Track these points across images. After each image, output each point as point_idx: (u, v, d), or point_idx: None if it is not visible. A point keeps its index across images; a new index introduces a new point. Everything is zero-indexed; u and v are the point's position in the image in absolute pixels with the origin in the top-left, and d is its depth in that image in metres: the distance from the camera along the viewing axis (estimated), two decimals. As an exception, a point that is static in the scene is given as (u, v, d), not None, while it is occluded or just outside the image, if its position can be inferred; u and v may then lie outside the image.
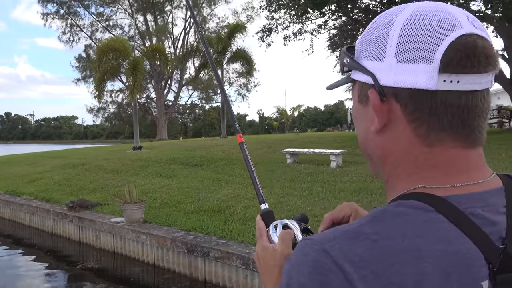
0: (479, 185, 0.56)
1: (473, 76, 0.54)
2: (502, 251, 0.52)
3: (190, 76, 42.81)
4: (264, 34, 15.82)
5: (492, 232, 0.53)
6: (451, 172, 0.57)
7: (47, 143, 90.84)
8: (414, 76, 0.55)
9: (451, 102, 0.54)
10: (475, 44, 0.53)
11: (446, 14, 0.55)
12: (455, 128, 0.56)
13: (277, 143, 15.86)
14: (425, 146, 0.57)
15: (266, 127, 75.15)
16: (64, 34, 41.43)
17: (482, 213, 0.54)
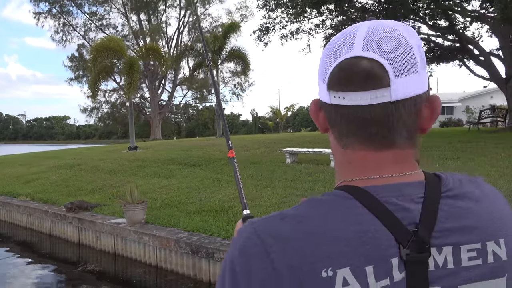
0: (396, 178, 0.63)
1: (353, 93, 0.61)
2: (413, 234, 0.58)
3: (184, 76, 42.71)
4: (261, 34, 15.76)
5: (405, 217, 0.59)
6: (364, 169, 0.64)
7: (39, 144, 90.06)
8: (321, 91, 0.66)
9: (344, 113, 0.63)
10: (355, 67, 0.61)
11: (348, 38, 0.63)
12: (357, 134, 0.64)
13: (274, 143, 15.82)
14: (341, 147, 0.67)
15: (260, 126, 75.07)
16: (56, 34, 41.05)
17: (396, 201, 0.60)
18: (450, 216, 0.61)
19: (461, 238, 0.60)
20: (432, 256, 0.59)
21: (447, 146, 11.70)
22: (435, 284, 0.59)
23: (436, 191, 0.63)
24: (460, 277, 0.60)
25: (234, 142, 8.02)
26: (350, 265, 0.56)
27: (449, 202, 0.62)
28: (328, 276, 0.55)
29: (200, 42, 23.96)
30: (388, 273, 0.57)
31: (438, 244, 0.59)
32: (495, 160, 8.93)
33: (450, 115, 36.37)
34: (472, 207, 0.63)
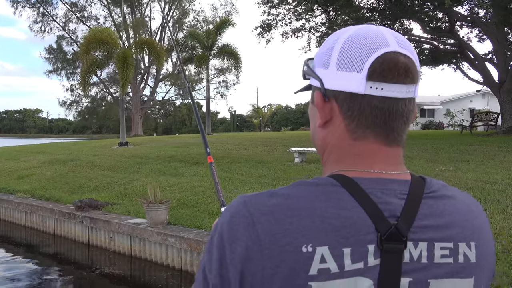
0: (386, 174, 0.67)
1: (394, 85, 0.64)
2: (393, 225, 0.61)
3: (167, 71, 41.95)
4: (263, 30, 15.47)
5: (386, 209, 0.63)
6: (367, 162, 0.67)
7: (10, 137, 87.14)
8: (348, 81, 0.66)
9: (376, 105, 0.65)
10: (397, 60, 0.64)
11: (378, 35, 0.66)
12: (377, 127, 0.66)
13: (270, 142, 15.60)
14: (352, 139, 0.68)
15: (238, 124, 74.69)
16: (35, 24, 39.61)
17: (380, 194, 0.64)
18: (429, 215, 0.65)
19: (436, 235, 0.64)
20: (408, 249, 0.62)
21: (451, 148, 11.75)
22: (407, 275, 0.62)
23: (419, 191, 0.67)
24: (431, 272, 0.63)
25: (226, 140, 7.92)
26: (330, 244, 0.59)
27: (430, 202, 0.66)
28: (308, 252, 0.58)
29: (189, 38, 23.46)
30: (363, 258, 0.60)
31: (415, 238, 0.63)
32: (507, 163, 8.97)
33: (432, 118, 37.03)
34: (450, 209, 0.67)
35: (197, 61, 22.53)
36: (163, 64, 16.99)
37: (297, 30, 15.60)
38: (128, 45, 19.09)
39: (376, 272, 0.61)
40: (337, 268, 0.59)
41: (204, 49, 22.77)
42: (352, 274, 0.60)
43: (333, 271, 0.59)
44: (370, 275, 0.60)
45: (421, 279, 0.63)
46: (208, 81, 23.91)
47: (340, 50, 0.67)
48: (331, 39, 0.70)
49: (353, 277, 0.60)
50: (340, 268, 0.59)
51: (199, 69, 23.44)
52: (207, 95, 23.96)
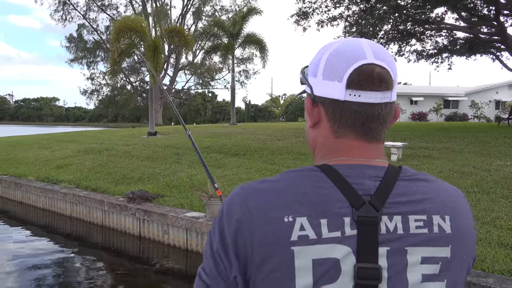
0: (363, 161, 0.77)
1: (369, 92, 0.75)
2: (368, 201, 0.71)
3: (186, 60, 41.73)
4: (300, 18, 15.11)
5: (361, 189, 0.73)
6: (347, 154, 0.78)
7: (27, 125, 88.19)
8: (331, 89, 0.77)
9: (354, 109, 0.76)
10: (372, 71, 0.74)
11: (357, 49, 0.76)
12: (356, 127, 0.77)
13: (299, 133, 15.32)
14: (335, 138, 0.79)
15: (252, 114, 74.31)
16: (56, 12, 39.62)
17: (355, 177, 0.74)
18: (402, 193, 0.74)
19: (409, 209, 0.73)
20: (384, 223, 0.71)
21: (497, 141, 11.35)
22: (385, 244, 0.70)
23: (394, 175, 0.76)
24: (407, 241, 0.71)
25: (254, 131, 7.51)
26: (308, 215, 0.69)
27: (404, 183, 0.75)
28: (289, 221, 0.69)
29: (213, 27, 23.12)
30: (340, 228, 0.69)
31: (389, 213, 0.72)
32: None
33: (456, 109, 36.23)
34: (423, 189, 0.76)
35: (223, 50, 22.21)
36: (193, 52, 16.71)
37: (333, 18, 15.21)
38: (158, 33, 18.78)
39: (353, 241, 0.69)
40: (315, 235, 0.69)
41: (229, 38, 22.43)
42: (329, 241, 0.69)
43: (311, 237, 0.68)
44: (348, 243, 0.69)
45: (398, 248, 0.71)
46: (233, 70, 23.62)
47: (326, 62, 0.78)
48: (321, 51, 0.81)
49: (330, 243, 0.69)
50: (318, 236, 0.69)
51: (224, 59, 22.97)
52: (232, 84, 23.69)
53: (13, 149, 14.26)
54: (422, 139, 12.48)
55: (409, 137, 12.77)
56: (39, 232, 7.83)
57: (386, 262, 0.70)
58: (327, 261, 0.68)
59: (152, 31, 23.67)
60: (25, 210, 9.28)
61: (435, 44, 19.06)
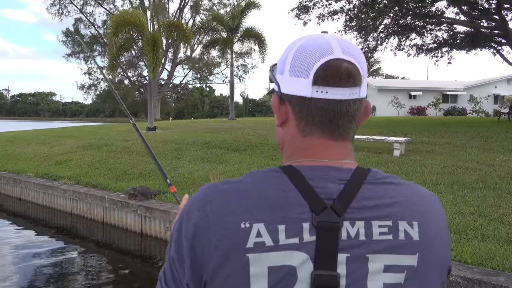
0: (329, 163, 0.74)
1: (337, 89, 0.72)
2: (328, 206, 0.68)
3: (184, 55, 41.51)
4: (300, 12, 14.98)
5: (323, 192, 0.69)
6: (313, 154, 0.75)
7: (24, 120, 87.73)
8: (298, 86, 0.74)
9: (321, 106, 0.73)
10: (339, 66, 0.72)
11: (324, 44, 0.73)
12: (323, 125, 0.74)
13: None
14: (301, 136, 0.76)
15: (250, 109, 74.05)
16: (53, 6, 39.28)
17: (319, 179, 0.71)
18: (367, 197, 0.70)
19: (374, 214, 0.69)
20: (345, 228, 0.68)
21: (498, 136, 11.32)
22: (345, 251, 0.67)
23: (361, 178, 0.73)
24: (370, 248, 0.68)
25: (254, 126, 7.40)
26: (265, 221, 0.67)
27: (370, 186, 0.72)
28: (245, 227, 0.67)
29: (214, 20, 22.92)
30: (298, 234, 0.67)
31: (352, 218, 0.68)
32: None
33: (454, 104, 36.20)
34: (391, 193, 0.72)
35: (222, 44, 22.06)
36: (191, 46, 16.56)
37: (334, 12, 15.08)
38: (157, 27, 18.60)
39: (311, 248, 0.66)
40: (271, 242, 0.66)
41: (228, 32, 22.27)
42: (286, 248, 0.66)
43: (268, 244, 0.66)
44: (305, 250, 0.66)
45: (359, 255, 0.67)
46: (232, 65, 23.47)
47: (292, 58, 0.75)
48: (289, 48, 0.78)
49: (287, 250, 0.66)
50: (275, 242, 0.66)
51: (223, 53, 22.82)
52: (231, 79, 23.55)
53: (11, 145, 14.13)
54: (424, 134, 12.43)
55: (410, 132, 12.71)
56: (39, 229, 7.74)
57: (345, 270, 0.67)
58: (283, 268, 0.66)
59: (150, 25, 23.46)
60: (24, 206, 9.18)
61: (435, 38, 18.99)
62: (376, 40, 18.07)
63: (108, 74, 18.36)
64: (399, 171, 7.62)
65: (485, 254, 4.03)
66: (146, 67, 40.52)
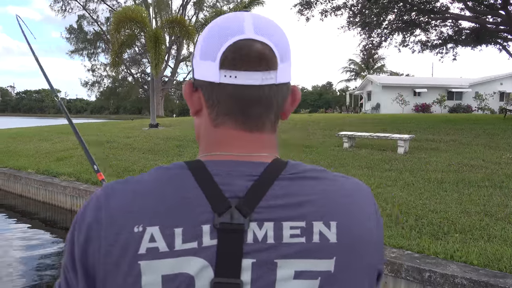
0: (239, 157, 0.67)
1: (247, 73, 0.64)
2: (233, 206, 0.61)
3: (188, 52, 41.35)
4: (303, 7, 14.84)
5: (228, 190, 0.62)
6: (224, 147, 0.68)
7: (29, 117, 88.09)
8: (207, 70, 0.66)
9: (231, 93, 0.65)
10: (249, 47, 0.64)
11: (235, 23, 0.66)
12: (235, 114, 0.66)
13: (303, 125, 15.12)
14: (213, 127, 0.69)
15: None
16: (56, 3, 39.24)
17: (225, 176, 0.64)
18: (279, 195, 0.63)
19: (285, 214, 0.62)
20: (251, 230, 0.61)
21: (505, 134, 11.16)
22: (250, 256, 0.60)
23: (274, 173, 0.65)
24: (278, 252, 0.61)
25: None
26: (161, 224, 0.60)
27: (284, 183, 0.64)
28: (139, 231, 0.60)
29: (215, 17, 22.77)
30: (196, 238, 0.60)
31: (260, 218, 0.61)
32: None
33: (459, 101, 35.91)
34: (308, 189, 0.64)
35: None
36: (195, 43, 16.43)
37: (337, 8, 14.93)
38: (159, 24, 18.48)
39: (212, 253, 0.60)
40: (166, 247, 0.60)
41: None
42: (182, 254, 0.60)
43: (162, 250, 0.60)
44: (205, 255, 0.60)
45: (266, 260, 0.61)
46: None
47: (203, 40, 0.68)
48: (204, 30, 0.71)
49: (184, 256, 0.60)
50: (170, 248, 0.60)
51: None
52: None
53: (13, 141, 14.10)
54: (428, 131, 12.28)
55: (415, 129, 12.56)
56: (39, 226, 7.69)
57: (249, 277, 0.60)
58: (178, 277, 0.59)
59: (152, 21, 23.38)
60: (25, 203, 9.13)
61: (440, 34, 18.78)
62: (380, 36, 17.90)
63: (111, 71, 18.26)
64: (403, 168, 7.49)
65: (491, 255, 3.91)
66: (149, 64, 40.59)
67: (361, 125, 14.68)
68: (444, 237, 4.40)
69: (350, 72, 53.99)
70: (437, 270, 3.78)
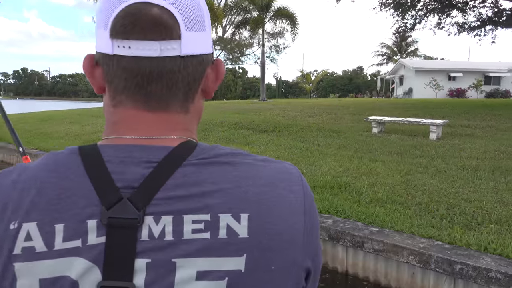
0: (138, 140, 0.58)
1: (141, 42, 0.55)
2: (123, 198, 0.53)
3: (216, 36, 41.25)
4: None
5: (121, 179, 0.54)
6: (122, 129, 0.59)
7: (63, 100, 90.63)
8: (101, 41, 0.58)
9: (125, 66, 0.56)
10: (142, 12, 0.54)
11: None
12: (132, 91, 0.58)
13: (332, 109, 14.79)
14: (112, 106, 0.60)
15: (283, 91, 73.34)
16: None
17: (119, 163, 0.55)
18: (182, 184, 0.55)
19: (187, 206, 0.54)
20: (147, 226, 0.53)
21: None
22: (145, 255, 0.52)
23: (179, 158, 0.57)
24: (178, 250, 0.52)
25: (284, 107, 6.90)
26: (39, 220, 0.53)
27: (189, 169, 0.56)
28: (14, 229, 0.53)
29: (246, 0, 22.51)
30: (80, 235, 0.52)
31: (157, 212, 0.53)
32: None
33: (497, 86, 34.46)
34: (217, 177, 0.56)
35: (253, 24, 21.70)
36: (223, 27, 16.31)
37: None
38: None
39: (99, 252, 0.51)
40: (44, 247, 0.52)
41: (260, 12, 21.84)
42: (64, 254, 0.52)
43: (39, 250, 0.52)
44: (91, 255, 0.51)
45: (163, 259, 0.52)
46: (263, 45, 23.07)
47: (99, 6, 0.59)
48: None
49: (66, 257, 0.52)
50: (49, 247, 0.52)
51: (254, 33, 22.45)
52: (262, 59, 23.21)
53: (44, 124, 14.44)
54: (463, 116, 11.76)
55: (449, 115, 12.06)
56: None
57: (143, 279, 0.51)
58: (59, 280, 0.51)
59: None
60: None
61: (479, 16, 17.92)
62: (414, 18, 17.23)
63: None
64: (435, 155, 7.16)
65: (530, 248, 3.64)
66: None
67: (392, 110, 14.23)
68: (478, 228, 4.14)
69: (381, 56, 52.69)
70: (469, 263, 3.56)
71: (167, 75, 0.57)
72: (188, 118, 0.62)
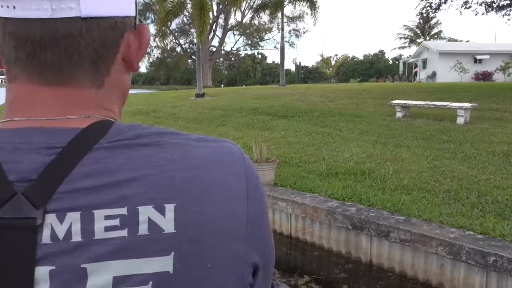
0: (34, 122, 0.49)
1: (27, 1, 0.46)
2: (17, 193, 0.44)
3: (235, 21, 40.87)
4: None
5: (14, 170, 0.45)
6: (19, 109, 0.50)
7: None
8: None
9: (14, 32, 0.47)
10: None
11: None
12: (26, 63, 0.49)
13: (353, 94, 14.43)
14: (8, 82, 0.52)
15: (303, 76, 72.51)
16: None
17: (13, 150, 0.46)
18: (91, 173, 0.45)
19: (97, 200, 0.44)
20: (49, 225, 0.43)
21: None
22: (47, 262, 0.43)
23: (89, 142, 0.47)
24: (89, 253, 0.43)
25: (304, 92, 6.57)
26: None
27: (101, 154, 0.46)
28: None
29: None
30: None
31: (60, 208, 0.44)
32: None
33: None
34: (136, 161, 0.46)
35: (272, 7, 21.30)
36: (241, 9, 16.02)
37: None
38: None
39: None
40: None
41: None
42: None
43: None
44: None
45: (70, 266, 0.43)
46: (283, 29, 22.66)
47: None
48: None
49: None
50: None
51: (273, 17, 22.06)
52: (281, 44, 22.80)
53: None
54: (491, 100, 11.29)
55: (476, 98, 11.59)
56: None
57: None
58: None
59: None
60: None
61: (508, -6, 17.12)
62: (439, -3, 16.55)
63: (159, 41, 18.28)
64: (463, 140, 6.85)
65: None
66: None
67: (415, 94, 13.79)
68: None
69: (404, 39, 51.39)
70: (504, 255, 3.34)
71: (64, 40, 0.47)
72: (102, 94, 0.52)
